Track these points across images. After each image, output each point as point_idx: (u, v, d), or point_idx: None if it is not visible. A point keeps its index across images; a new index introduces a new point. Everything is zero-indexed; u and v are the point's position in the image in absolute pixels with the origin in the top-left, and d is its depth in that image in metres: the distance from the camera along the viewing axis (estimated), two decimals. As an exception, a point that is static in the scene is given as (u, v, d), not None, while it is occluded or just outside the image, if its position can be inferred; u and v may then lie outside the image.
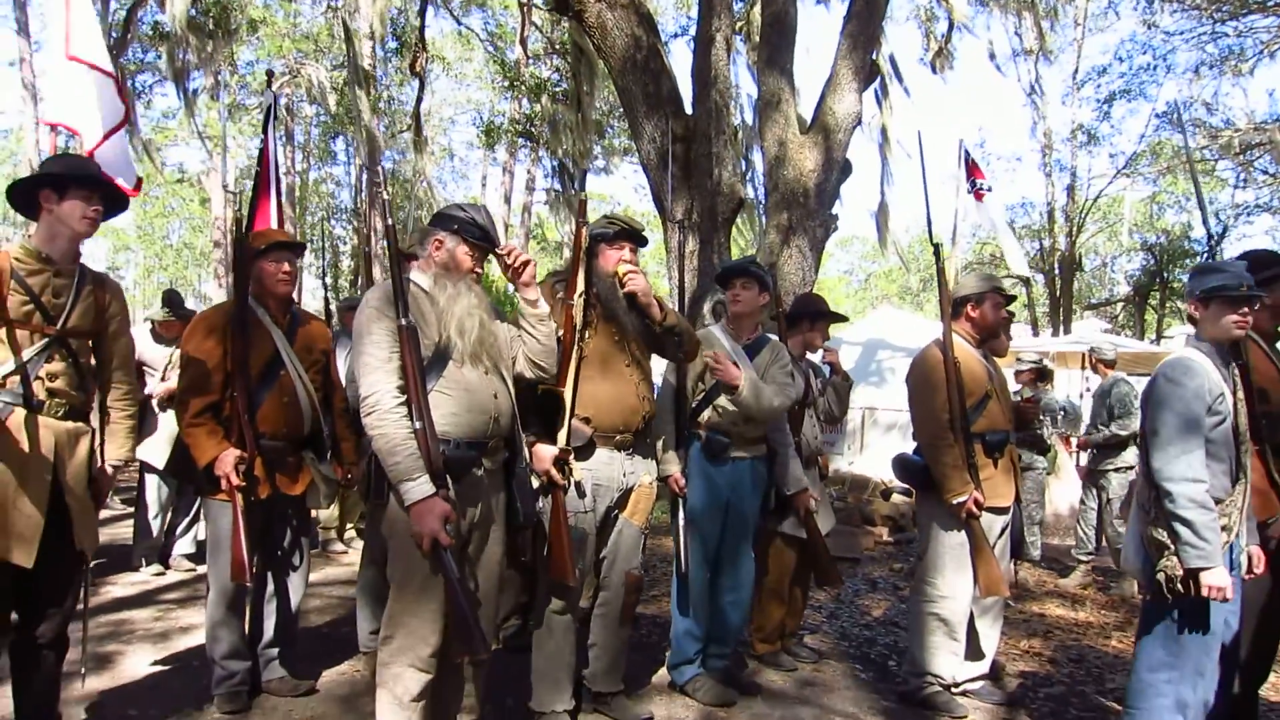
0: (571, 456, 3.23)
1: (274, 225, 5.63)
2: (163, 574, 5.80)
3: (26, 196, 2.90)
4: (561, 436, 3.21)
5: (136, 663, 4.14)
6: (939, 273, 4.29)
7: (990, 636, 4.06)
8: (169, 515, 5.96)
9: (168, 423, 5.68)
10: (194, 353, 3.44)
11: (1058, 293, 21.98)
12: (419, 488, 2.68)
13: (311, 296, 14.74)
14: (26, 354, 2.80)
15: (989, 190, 11.24)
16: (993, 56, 14.80)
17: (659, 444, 3.64)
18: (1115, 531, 6.68)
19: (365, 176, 21.81)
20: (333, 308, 7.49)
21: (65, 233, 2.90)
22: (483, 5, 20.05)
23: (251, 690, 3.63)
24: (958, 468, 3.76)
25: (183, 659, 4.20)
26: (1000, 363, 4.25)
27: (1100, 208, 24.26)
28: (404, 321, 2.76)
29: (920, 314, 32.26)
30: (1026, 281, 24.67)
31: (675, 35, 15.19)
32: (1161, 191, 25.66)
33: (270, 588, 3.70)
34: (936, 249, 4.41)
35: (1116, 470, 6.76)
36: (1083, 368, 12.84)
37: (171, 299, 6.03)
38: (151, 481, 5.79)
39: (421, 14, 11.21)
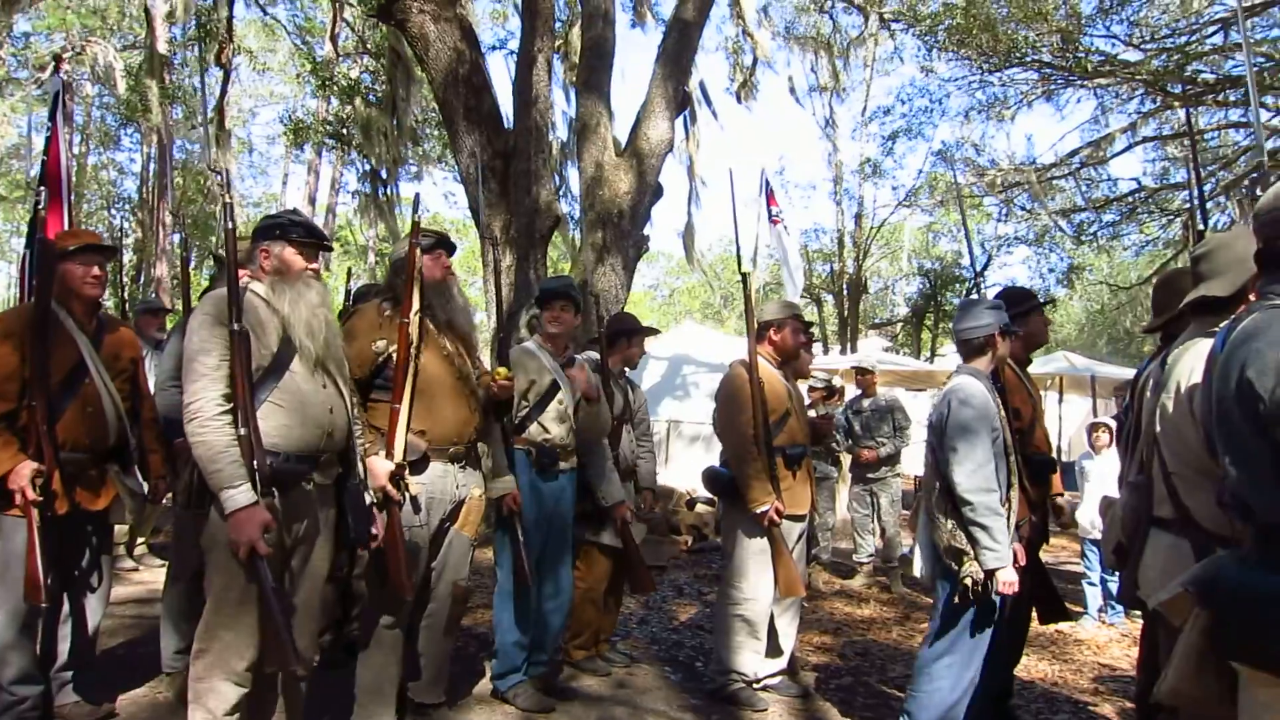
0: (406, 471, 3.27)
1: (65, 223, 5.31)
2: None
3: None
4: (397, 451, 3.24)
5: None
6: (745, 299, 4.62)
7: (788, 634, 4.40)
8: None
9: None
10: None
11: (845, 313, 23.53)
12: (240, 495, 2.65)
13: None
14: None
15: (782, 219, 12.00)
16: (793, 90, 15.74)
17: (486, 462, 3.72)
18: (895, 530, 7.38)
19: (154, 168, 20.48)
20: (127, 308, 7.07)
21: None
22: (290, -2, 19.27)
23: (43, 717, 3.42)
24: (761, 479, 4.05)
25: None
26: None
27: (884, 235, 26.14)
28: (235, 327, 2.74)
29: (721, 329, 33.56)
30: (818, 302, 26.27)
31: (493, 48, 15.22)
32: (936, 221, 27.95)
33: (66, 608, 3.49)
34: (744, 277, 4.75)
35: (896, 476, 7.52)
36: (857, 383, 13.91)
37: None
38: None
39: (230, 3, 10.72)
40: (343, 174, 24.86)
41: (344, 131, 14.74)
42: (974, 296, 4.20)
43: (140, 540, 6.63)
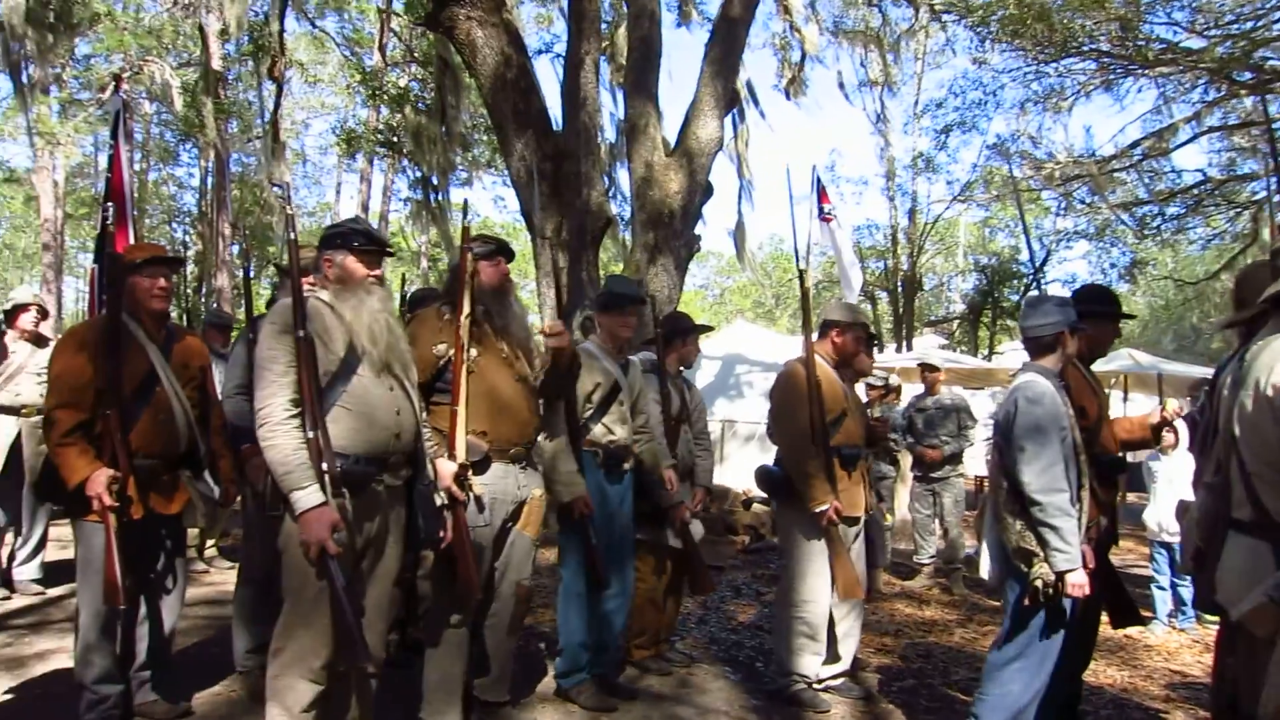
0: (470, 471, 3.31)
1: (131, 237, 5.46)
2: (9, 598, 5.49)
3: None
4: (459, 451, 3.28)
5: (-9, 691, 3.95)
6: (803, 296, 4.58)
7: (851, 636, 4.34)
8: (8, 536, 5.66)
9: (2, 434, 5.42)
10: (63, 369, 3.32)
11: (900, 310, 23.23)
12: (308, 496, 2.72)
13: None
14: None
15: (834, 216, 11.88)
16: (842, 86, 15.61)
17: (554, 467, 3.76)
18: (958, 531, 7.27)
19: (211, 181, 20.96)
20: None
21: None
22: (339, 10, 19.61)
23: (124, 715, 3.51)
24: (819, 477, 4.00)
25: (43, 685, 4.03)
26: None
27: (938, 230, 25.79)
28: (301, 334, 2.80)
29: (774, 329, 33.41)
30: (872, 299, 26.00)
31: (539, 52, 15.32)
32: (993, 216, 27.51)
33: (143, 610, 3.57)
34: (801, 274, 4.71)
35: (959, 476, 7.40)
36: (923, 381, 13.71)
37: None
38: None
39: (281, 18, 10.94)
40: (394, 181, 25.28)
41: (395, 139, 14.98)
42: (1041, 293, 4.11)
43: (210, 543, 6.79)
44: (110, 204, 4.86)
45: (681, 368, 4.95)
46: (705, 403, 5.48)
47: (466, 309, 3.40)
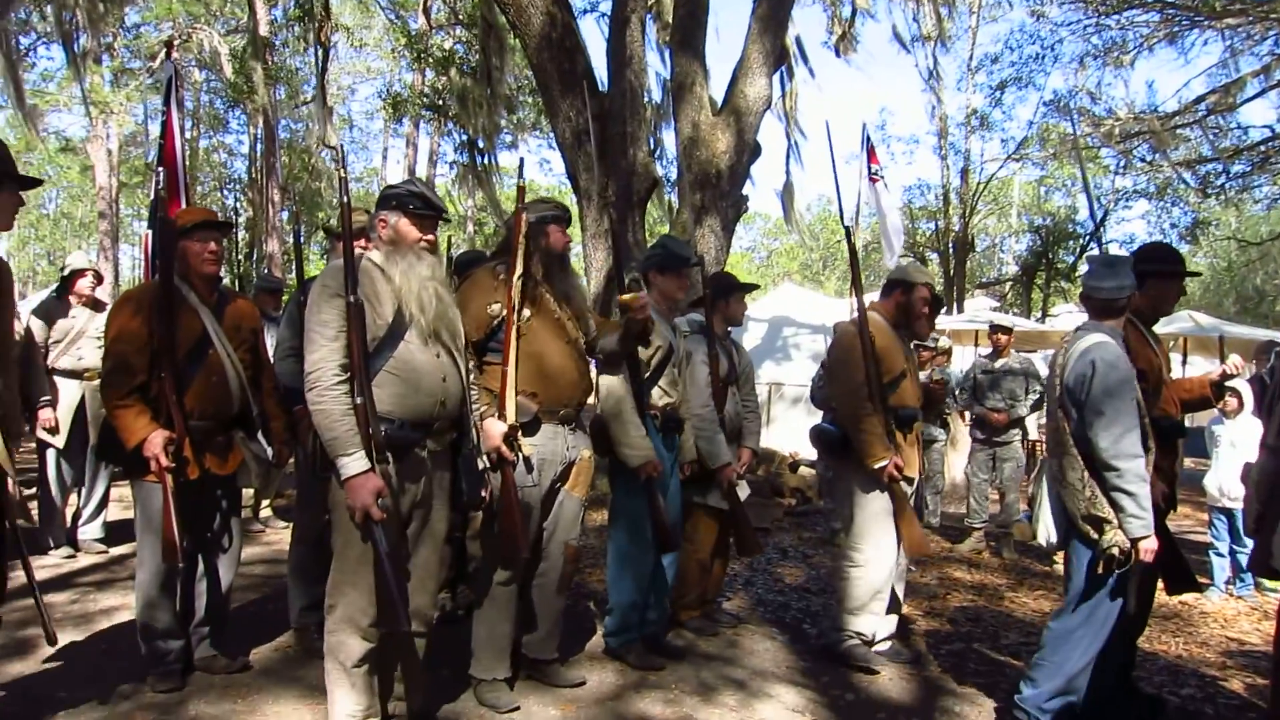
0: (519, 432, 3.32)
1: (183, 203, 5.53)
2: (74, 556, 5.65)
3: None
4: (509, 412, 3.30)
5: (61, 648, 4.04)
6: (851, 255, 4.50)
7: (896, 599, 4.31)
8: (72, 496, 5.82)
9: (67, 397, 5.56)
10: (119, 333, 3.38)
11: (951, 272, 22.85)
12: (354, 463, 2.76)
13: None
14: None
15: (881, 177, 11.67)
16: (897, 37, 15.18)
17: (623, 430, 3.77)
18: (1015, 496, 7.19)
19: (260, 148, 21.17)
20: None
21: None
22: (385, -28, 19.57)
23: (185, 669, 3.63)
24: (879, 435, 3.96)
25: (109, 639, 4.14)
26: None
27: (991, 190, 25.27)
28: (351, 299, 2.81)
29: (821, 291, 33.10)
30: (923, 260, 25.58)
31: (584, 11, 15.15)
32: (1048, 175, 26.87)
33: (201, 568, 3.67)
34: (848, 231, 4.63)
35: (1020, 441, 7.31)
36: (976, 344, 13.47)
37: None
38: (51, 460, 5.61)
39: (327, -18, 10.96)
40: (440, 145, 25.32)
41: (440, 103, 14.96)
42: (1109, 253, 3.99)
43: (265, 503, 6.92)
44: (162, 170, 4.95)
45: (729, 328, 4.90)
46: (753, 365, 5.43)
47: (520, 269, 3.40)
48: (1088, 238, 22.72)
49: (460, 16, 15.04)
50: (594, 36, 21.76)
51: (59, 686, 3.56)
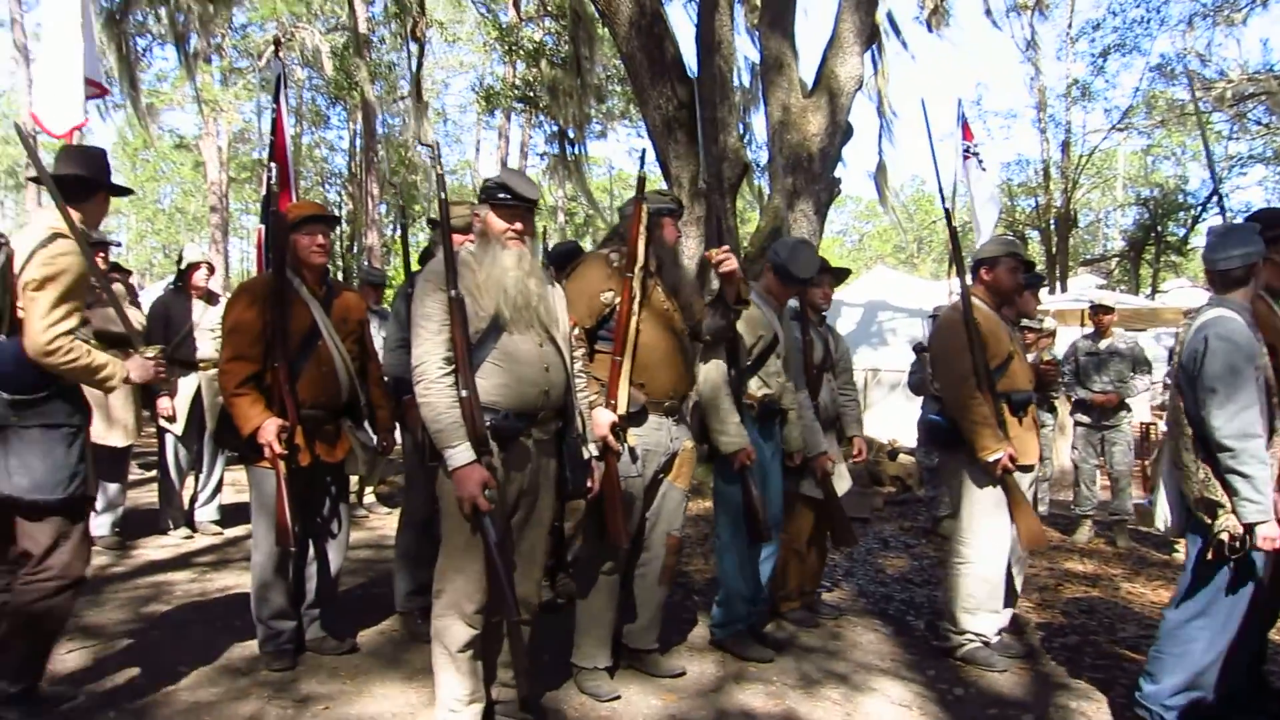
0: (626, 423, 3.34)
1: (292, 195, 5.71)
2: (191, 537, 5.93)
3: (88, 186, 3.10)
4: (620, 402, 3.32)
5: (180, 622, 4.26)
6: (951, 236, 4.36)
7: (1012, 591, 4.16)
8: (189, 479, 6.09)
9: (185, 386, 5.80)
10: (236, 323, 3.51)
11: (1053, 249, 22.05)
12: (460, 454, 2.81)
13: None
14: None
15: (976, 155, 11.31)
16: (989, 12, 14.66)
17: (720, 418, 3.74)
18: (1126, 481, 6.92)
19: (360, 143, 21.72)
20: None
21: (93, 222, 3.21)
22: (475, -34, 19.82)
23: (297, 649, 3.76)
24: (989, 425, 3.82)
25: (224, 618, 4.31)
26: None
27: (1094, 163, 24.28)
28: (453, 293, 2.86)
29: (915, 274, 32.37)
30: (1023, 238, 24.77)
31: (671, -2, 15.09)
32: (1156, 144, 25.66)
33: (311, 551, 3.80)
34: (948, 213, 4.49)
35: (1128, 423, 7.03)
36: (1082, 324, 12.96)
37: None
38: (170, 446, 5.87)
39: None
40: (531, 136, 25.58)
41: (531, 94, 15.11)
42: (1226, 222, 3.76)
43: (368, 489, 7.12)
44: (274, 165, 5.11)
45: (821, 313, 4.80)
46: (850, 351, 5.32)
47: (641, 261, 3.40)
48: (1200, 207, 21.63)
49: (550, 8, 15.14)
50: (682, 22, 21.66)
51: (178, 660, 3.71)
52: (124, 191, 3.44)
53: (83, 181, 3.08)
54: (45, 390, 2.87)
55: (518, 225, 3.04)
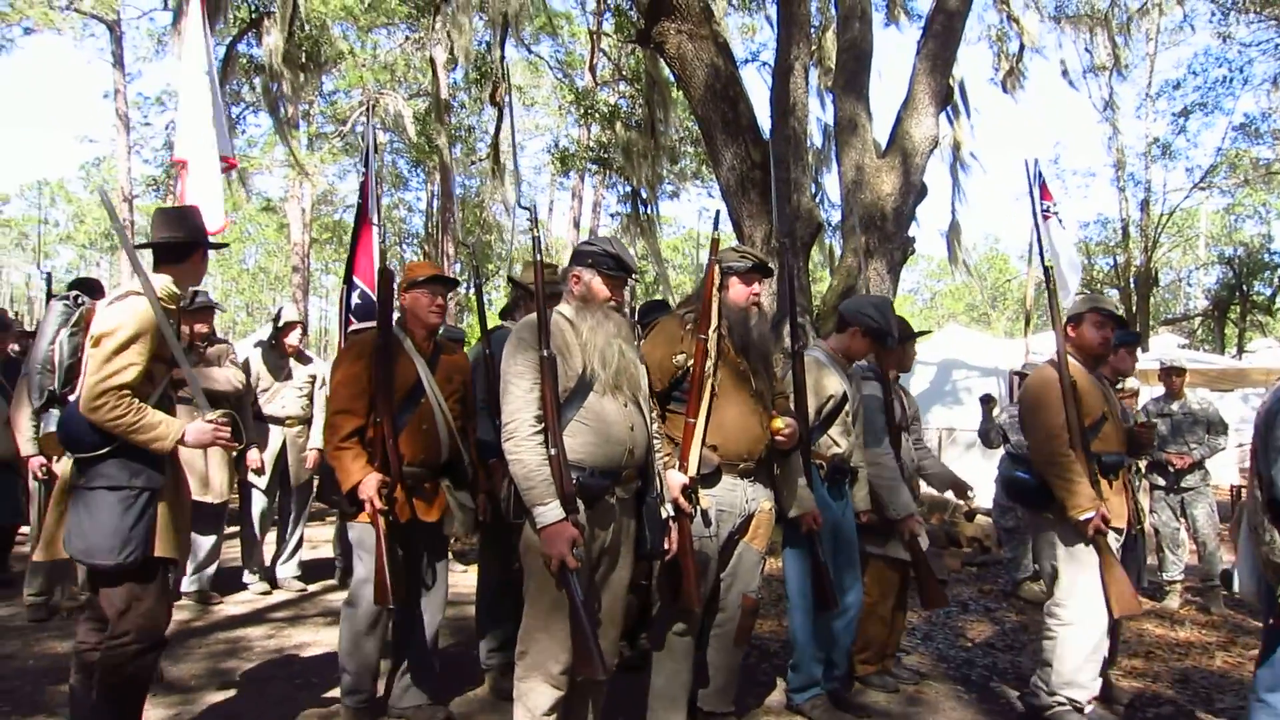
0: (698, 484, 3.35)
1: (375, 254, 5.92)
2: (269, 593, 6.03)
3: (179, 247, 3.18)
4: (691, 464, 3.34)
5: (258, 679, 4.35)
6: (1050, 294, 4.28)
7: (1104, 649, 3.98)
8: (269, 535, 6.24)
9: (271, 443, 5.96)
10: (344, 377, 3.55)
11: (1134, 309, 21.55)
12: (550, 512, 2.84)
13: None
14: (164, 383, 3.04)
15: (1056, 214, 11.24)
16: (1065, 74, 14.66)
17: (788, 478, 3.70)
18: (1214, 545, 6.70)
19: (437, 204, 22.36)
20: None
21: (192, 281, 3.29)
22: (552, 34, 20.48)
23: (376, 710, 3.72)
24: (1082, 484, 3.73)
25: (301, 675, 4.41)
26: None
27: (1175, 222, 23.79)
28: (545, 353, 2.92)
29: (988, 332, 31.86)
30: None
31: (744, 61, 15.37)
32: (1237, 203, 25.08)
33: (409, 613, 3.73)
34: (1047, 271, 4.40)
35: (1209, 485, 6.86)
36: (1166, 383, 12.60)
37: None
38: (255, 500, 6.01)
39: (502, 46, 11.59)
40: (604, 196, 26.04)
41: (605, 155, 15.45)
42: None
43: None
44: (375, 225, 5.30)
45: (900, 373, 4.80)
46: (921, 410, 5.27)
47: (714, 323, 3.42)
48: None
49: (624, 72, 15.56)
50: (756, 84, 21.99)
51: (253, 713, 3.79)
52: (217, 247, 3.55)
53: (177, 243, 3.16)
54: (105, 449, 2.88)
55: (620, 295, 3.15)
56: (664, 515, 3.20)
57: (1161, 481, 6.93)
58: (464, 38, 11.86)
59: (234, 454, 5.69)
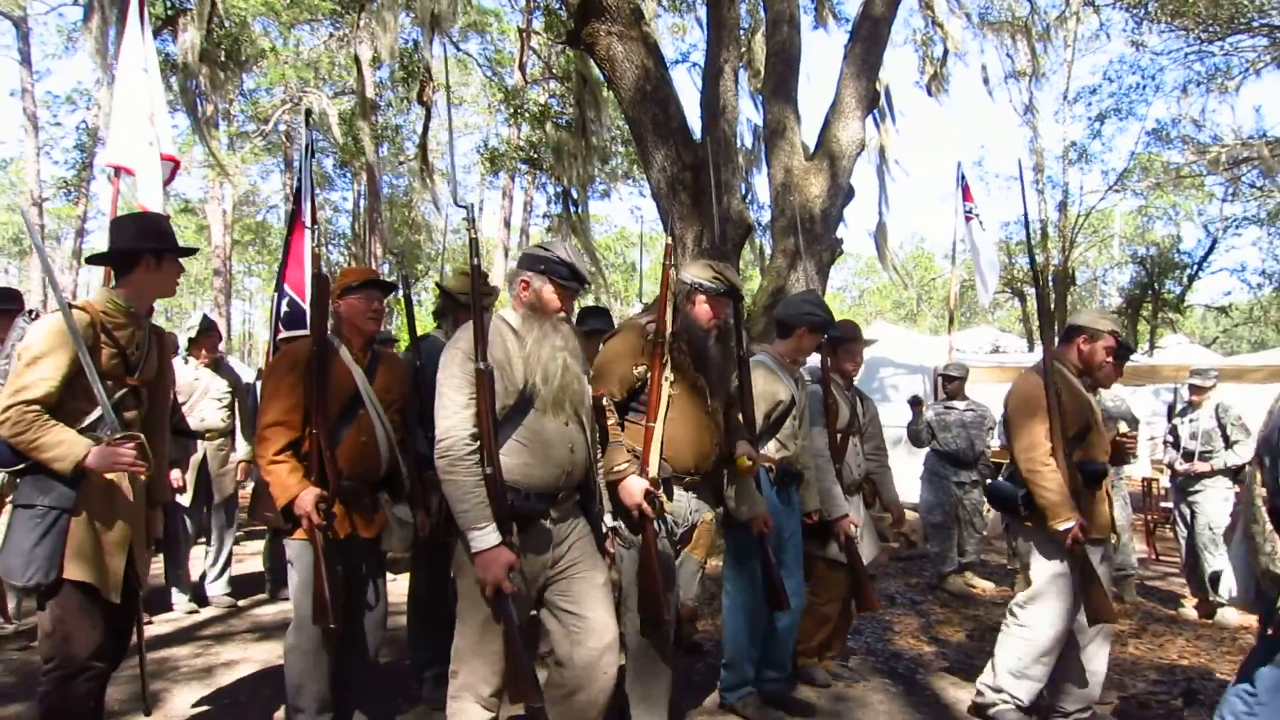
0: (660, 489, 3.29)
1: (307, 261, 5.79)
2: (196, 611, 5.85)
3: (125, 257, 3.02)
4: (652, 467, 3.29)
5: (184, 699, 4.23)
6: (1039, 299, 4.49)
7: (1098, 662, 4.01)
8: (194, 551, 6.06)
9: (193, 457, 5.79)
10: (276, 388, 3.37)
11: (1052, 307, 22.23)
12: (485, 537, 2.72)
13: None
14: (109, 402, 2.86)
15: (977, 216, 11.58)
16: (986, 81, 15.07)
17: (737, 482, 3.68)
18: (1127, 536, 6.93)
19: (364, 204, 22.02)
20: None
21: (153, 293, 3.08)
22: (481, 32, 20.33)
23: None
24: (1061, 493, 3.73)
25: (230, 694, 4.31)
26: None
27: (1091, 223, 24.62)
28: (481, 365, 2.77)
29: (915, 329, 32.53)
30: (1020, 296, 24.99)
31: (675, 63, 15.47)
32: (1149, 205, 26.06)
33: (349, 632, 3.49)
34: (1036, 277, 4.43)
35: (1121, 479, 7.02)
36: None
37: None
38: (179, 517, 5.73)
39: (430, 44, 11.44)
40: (533, 197, 25.92)
41: (535, 155, 15.38)
42: None
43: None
44: (311, 226, 5.18)
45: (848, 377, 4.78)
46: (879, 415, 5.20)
47: (669, 328, 3.39)
48: (1195, 266, 21.93)
49: (555, 71, 15.50)
50: (686, 87, 22.12)
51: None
52: (190, 252, 3.33)
53: (124, 252, 3.01)
54: (18, 467, 2.80)
55: (568, 308, 3.02)
56: (605, 528, 3.12)
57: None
58: (389, 35, 11.69)
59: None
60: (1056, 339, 4.29)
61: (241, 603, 6.07)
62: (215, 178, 21.14)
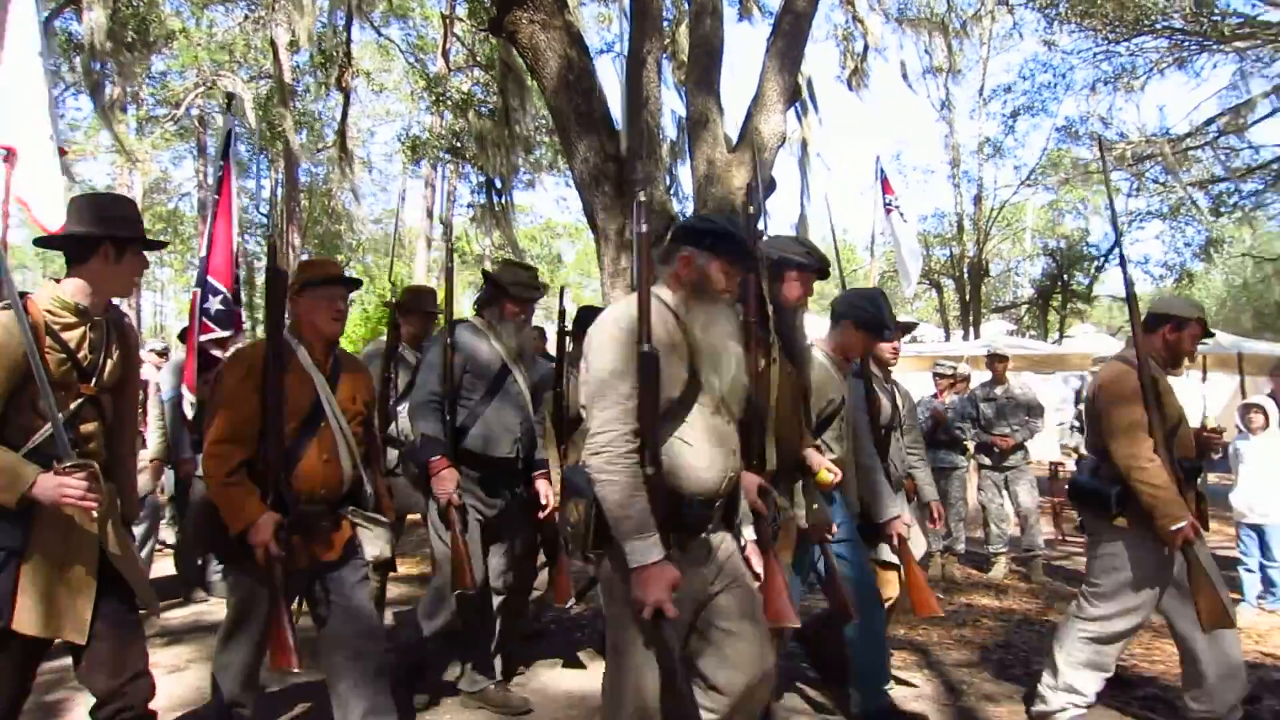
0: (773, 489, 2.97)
1: (233, 253, 5.65)
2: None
3: (80, 243, 2.65)
4: (770, 458, 2.97)
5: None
6: (1127, 288, 3.80)
7: (1232, 675, 3.67)
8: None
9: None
10: (230, 397, 2.97)
11: (966, 297, 22.88)
12: (649, 550, 2.32)
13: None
14: (61, 417, 2.49)
15: (898, 208, 11.87)
16: (905, 76, 15.43)
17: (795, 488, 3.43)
18: (1035, 519, 7.30)
19: (281, 192, 21.52)
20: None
21: (109, 289, 2.71)
22: (403, 17, 20.00)
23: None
24: (1174, 493, 3.43)
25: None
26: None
27: (1004, 216, 25.38)
28: (646, 348, 2.35)
29: (836, 320, 33.06)
30: (938, 286, 25.64)
31: (600, 52, 15.47)
32: (1059, 199, 26.96)
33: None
34: (1124, 264, 3.97)
35: (1028, 463, 7.52)
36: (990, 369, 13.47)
37: None
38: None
39: (348, 29, 11.22)
40: (456, 187, 25.64)
41: (458, 144, 15.21)
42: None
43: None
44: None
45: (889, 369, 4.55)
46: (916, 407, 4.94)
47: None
48: (1103, 258, 22.82)
49: (478, 59, 15.35)
50: (610, 77, 22.08)
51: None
52: (159, 245, 3.03)
53: (75, 239, 2.64)
54: None
55: (734, 289, 2.65)
56: (743, 540, 2.76)
57: (988, 461, 7.48)
58: (307, 18, 11.43)
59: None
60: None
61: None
62: (123, 164, 20.41)
